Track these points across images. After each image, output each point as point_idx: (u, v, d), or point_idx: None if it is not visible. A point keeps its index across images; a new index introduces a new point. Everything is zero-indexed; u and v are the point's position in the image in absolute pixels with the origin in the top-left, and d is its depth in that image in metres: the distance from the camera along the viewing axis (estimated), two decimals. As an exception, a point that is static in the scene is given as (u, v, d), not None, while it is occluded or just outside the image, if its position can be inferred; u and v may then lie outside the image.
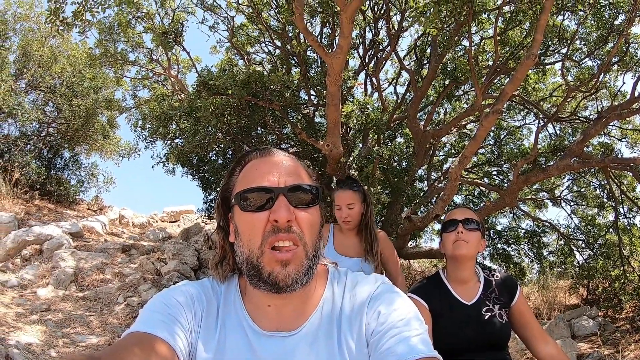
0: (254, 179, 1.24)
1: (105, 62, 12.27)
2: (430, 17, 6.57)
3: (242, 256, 1.23)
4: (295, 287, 1.18)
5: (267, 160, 1.29)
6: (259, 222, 1.19)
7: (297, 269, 1.18)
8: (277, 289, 1.18)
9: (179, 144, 10.60)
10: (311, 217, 1.23)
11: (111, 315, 7.46)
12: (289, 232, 1.18)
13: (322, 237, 1.31)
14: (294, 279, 1.17)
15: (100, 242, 11.07)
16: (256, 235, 1.19)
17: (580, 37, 9.13)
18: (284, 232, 1.17)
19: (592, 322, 7.99)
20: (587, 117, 10.34)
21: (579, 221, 11.44)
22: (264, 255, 1.18)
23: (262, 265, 1.18)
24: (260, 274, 1.18)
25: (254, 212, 1.20)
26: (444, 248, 2.57)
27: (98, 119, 14.85)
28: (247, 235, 1.21)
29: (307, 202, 1.23)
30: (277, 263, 1.17)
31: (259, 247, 1.18)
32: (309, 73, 9.49)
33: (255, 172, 1.27)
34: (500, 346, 2.43)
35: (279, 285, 1.17)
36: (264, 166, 1.27)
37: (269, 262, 1.17)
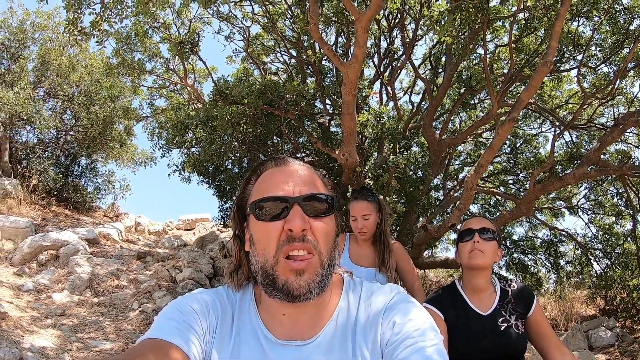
0: (269, 189, 1.24)
1: (123, 71, 12.42)
2: (445, 26, 6.57)
3: (257, 265, 1.23)
4: (309, 297, 1.17)
5: (282, 170, 1.30)
6: (273, 231, 1.19)
7: (312, 278, 1.17)
8: (292, 298, 1.17)
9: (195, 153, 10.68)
10: (326, 226, 1.23)
11: (125, 321, 7.50)
12: (304, 241, 1.17)
13: (338, 246, 1.31)
14: (308, 288, 1.17)
15: (116, 248, 11.15)
16: (271, 244, 1.19)
17: (596, 43, 9.07)
18: (299, 241, 1.17)
19: (610, 333, 7.88)
20: (603, 124, 10.23)
21: (596, 230, 11.32)
22: (278, 264, 1.18)
23: (277, 274, 1.18)
24: (275, 282, 1.18)
25: (268, 222, 1.20)
26: (460, 258, 2.54)
27: (115, 127, 15.00)
28: (262, 244, 1.21)
29: (322, 211, 1.23)
30: (292, 272, 1.17)
31: (273, 256, 1.18)
32: (325, 82, 9.53)
33: (271, 181, 1.27)
34: (516, 357, 2.40)
35: (293, 294, 1.17)
36: (279, 175, 1.27)
37: (284, 271, 1.17)
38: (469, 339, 2.37)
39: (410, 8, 9.91)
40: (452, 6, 6.39)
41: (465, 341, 2.36)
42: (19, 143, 14.16)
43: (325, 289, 1.22)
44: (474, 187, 6.71)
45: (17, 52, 13.98)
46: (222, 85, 8.81)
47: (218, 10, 11.35)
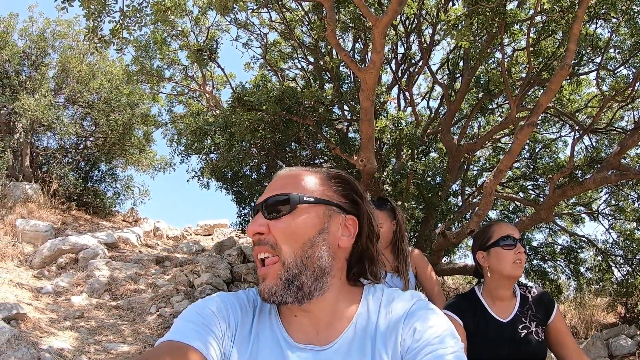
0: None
1: (142, 78, 12.58)
2: (462, 30, 6.56)
3: None
4: (278, 300, 1.20)
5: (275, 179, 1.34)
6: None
7: (273, 283, 1.20)
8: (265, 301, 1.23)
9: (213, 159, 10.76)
10: (286, 225, 1.22)
11: (143, 324, 7.56)
12: (261, 244, 1.22)
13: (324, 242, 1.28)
14: (270, 293, 1.20)
15: (134, 253, 11.26)
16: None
17: (614, 45, 8.99)
18: (257, 244, 1.23)
19: (631, 342, 7.77)
20: (623, 128, 10.11)
21: (617, 236, 11.17)
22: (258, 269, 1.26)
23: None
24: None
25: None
26: (497, 264, 2.44)
27: (134, 133, 15.19)
28: None
29: (280, 211, 1.24)
30: (260, 277, 1.23)
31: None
32: (342, 88, 9.55)
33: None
34: None
35: (263, 298, 1.22)
36: (268, 185, 1.32)
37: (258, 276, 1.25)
38: (489, 345, 2.36)
39: (427, 13, 9.91)
40: (469, 10, 6.38)
41: (485, 348, 2.35)
42: (40, 148, 14.41)
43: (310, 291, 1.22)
44: (492, 192, 6.67)
45: (38, 60, 14.23)
46: (241, 91, 8.87)
47: (235, 17, 11.45)
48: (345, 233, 1.28)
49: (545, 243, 12.50)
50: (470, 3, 6.39)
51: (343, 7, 8.69)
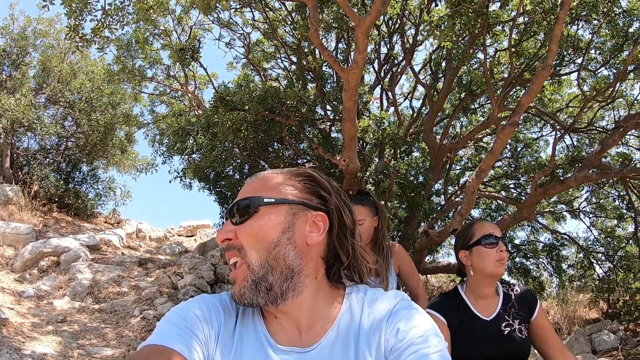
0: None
1: (124, 78, 12.47)
2: (445, 31, 6.60)
3: None
4: (249, 303, 1.20)
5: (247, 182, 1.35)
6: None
7: (242, 284, 1.21)
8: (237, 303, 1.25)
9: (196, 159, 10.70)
10: (249, 229, 1.22)
11: (127, 327, 7.49)
12: (229, 249, 1.24)
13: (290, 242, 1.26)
14: (240, 295, 1.21)
15: (117, 255, 11.14)
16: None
17: (595, 46, 9.09)
18: (226, 250, 1.25)
19: (613, 337, 7.87)
20: (604, 127, 10.26)
21: (598, 233, 11.32)
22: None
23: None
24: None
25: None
26: (480, 263, 2.46)
27: (116, 133, 15.03)
28: None
29: (243, 215, 1.24)
30: (232, 281, 1.25)
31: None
32: (325, 88, 9.55)
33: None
34: None
35: (235, 301, 1.23)
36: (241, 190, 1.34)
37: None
38: (473, 344, 2.36)
39: (410, 13, 9.94)
40: (452, 11, 6.41)
41: (469, 346, 2.36)
42: (20, 149, 14.19)
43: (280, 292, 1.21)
44: (475, 191, 6.71)
45: (19, 59, 14.05)
46: (223, 91, 8.83)
47: (218, 17, 11.41)
48: (313, 230, 1.26)
49: (527, 241, 12.61)
50: (453, 4, 6.43)
51: (326, 7, 8.69)
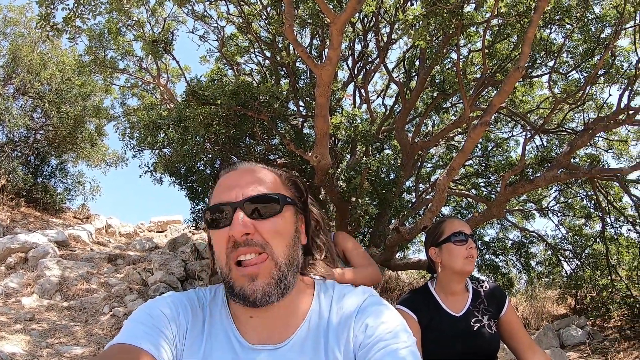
0: (218, 195, 1.24)
1: (95, 69, 12.27)
2: (420, 30, 6.62)
3: (219, 272, 1.23)
4: (267, 300, 1.17)
5: (231, 175, 1.29)
6: (221, 239, 1.19)
7: (267, 281, 1.17)
8: (250, 303, 1.17)
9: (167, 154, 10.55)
10: (276, 225, 1.21)
11: (96, 325, 7.38)
12: (249, 245, 1.17)
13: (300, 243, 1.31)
14: (264, 292, 1.16)
15: (86, 251, 10.97)
16: (221, 252, 1.19)
17: (567, 50, 9.25)
18: (244, 245, 1.16)
19: (581, 332, 8.03)
20: (573, 129, 10.45)
21: (566, 231, 11.54)
22: (231, 272, 1.18)
23: (232, 282, 1.18)
24: (233, 289, 1.18)
25: (218, 230, 1.21)
26: (449, 260, 2.47)
27: (86, 126, 14.78)
28: (216, 252, 1.23)
29: (268, 211, 1.21)
30: (245, 278, 1.16)
31: (226, 264, 1.19)
32: (298, 84, 9.53)
33: (220, 188, 1.27)
34: (489, 357, 2.43)
35: (249, 300, 1.16)
36: (227, 181, 1.27)
37: (237, 278, 1.17)
38: (443, 340, 2.38)
39: (386, 12, 9.97)
40: (427, 11, 6.44)
41: (439, 342, 2.37)
42: (-13, 142, 13.88)
43: (288, 290, 1.21)
44: (445, 189, 6.76)
45: (-13, 48, 13.72)
46: (195, 85, 8.74)
47: (193, 9, 11.29)
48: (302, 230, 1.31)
49: (496, 238, 12.79)
50: (428, 4, 6.45)
51: (302, 2, 8.67)
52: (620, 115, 8.21)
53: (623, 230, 10.16)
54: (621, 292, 8.86)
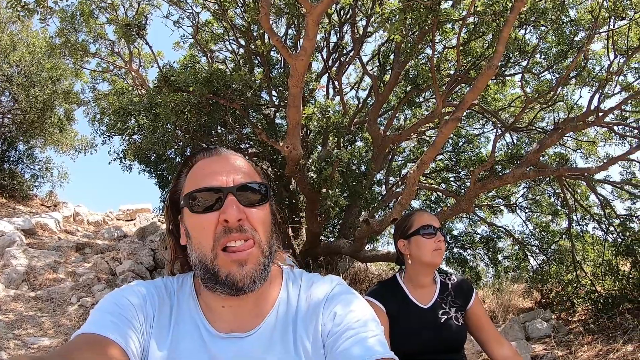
0: (202, 179, 1.22)
1: (65, 52, 12.01)
2: (396, 24, 6.63)
3: (195, 259, 1.20)
4: (253, 287, 1.16)
5: (214, 160, 1.28)
6: (208, 224, 1.17)
7: (255, 268, 1.16)
8: (236, 290, 1.15)
9: (137, 141, 10.40)
10: (262, 214, 1.22)
11: (64, 316, 7.27)
12: (241, 231, 1.16)
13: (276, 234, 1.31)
14: (252, 278, 1.16)
15: (53, 239, 10.78)
16: (207, 237, 1.17)
17: (541, 51, 9.37)
18: (236, 231, 1.16)
19: (546, 325, 8.18)
20: (543, 128, 10.60)
21: (533, 227, 11.73)
22: (218, 258, 1.15)
23: (218, 268, 1.15)
24: (217, 276, 1.16)
25: (203, 213, 1.18)
26: (417, 252, 2.49)
27: (55, 111, 14.47)
28: (197, 237, 1.19)
29: (256, 200, 1.22)
30: (234, 263, 1.15)
31: (211, 250, 1.16)
32: (272, 73, 9.48)
33: (203, 172, 1.25)
34: (456, 349, 2.46)
35: (237, 286, 1.15)
36: (212, 166, 1.25)
37: (225, 264, 1.15)
38: (410, 331, 2.40)
39: (362, 4, 9.96)
40: (404, 5, 6.44)
41: (407, 333, 2.39)
42: (-47, 125, 13.51)
43: (267, 278, 1.22)
44: (416, 183, 6.80)
45: (-46, 28, 13.31)
46: (168, 71, 8.63)
47: (168, -7, 11.12)
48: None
49: (465, 232, 12.93)
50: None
51: (278, -9, 8.62)
52: (589, 116, 8.36)
53: (589, 228, 10.37)
54: (586, 287, 9.03)
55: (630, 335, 6.95)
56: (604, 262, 9.10)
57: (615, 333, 7.35)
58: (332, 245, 9.65)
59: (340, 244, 9.35)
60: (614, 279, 8.57)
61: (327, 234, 11.34)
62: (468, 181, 9.96)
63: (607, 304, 8.16)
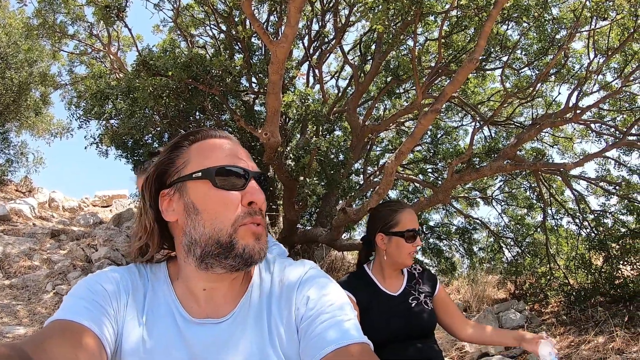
0: (224, 158, 1.22)
1: (43, 33, 11.74)
2: (378, 14, 6.63)
3: (203, 234, 1.17)
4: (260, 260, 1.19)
5: (230, 143, 1.28)
6: (234, 201, 1.17)
7: (265, 244, 1.20)
8: (250, 262, 1.17)
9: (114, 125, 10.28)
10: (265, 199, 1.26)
11: (39, 304, 7.19)
12: (261, 214, 1.21)
13: None
14: (263, 252, 1.19)
15: (28, 226, 10.62)
16: (230, 213, 1.16)
17: (522, 47, 9.45)
18: (259, 214, 1.19)
19: (519, 315, 8.31)
20: (521, 123, 10.73)
21: (508, 220, 11.88)
22: (237, 232, 1.16)
23: (237, 240, 1.15)
24: (233, 249, 1.15)
25: (228, 190, 1.18)
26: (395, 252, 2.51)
27: (31, 94, 14.15)
28: (216, 212, 1.17)
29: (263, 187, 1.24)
30: (253, 236, 1.17)
31: (232, 225, 1.16)
32: (252, 60, 9.41)
33: (223, 151, 1.24)
34: (427, 334, 2.50)
35: (253, 259, 1.16)
36: (231, 147, 1.26)
37: (244, 236, 1.16)
38: (382, 319, 2.42)
39: (346, -7, 9.94)
40: (388, -5, 6.45)
41: (379, 322, 2.40)
42: None
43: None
44: (393, 173, 6.84)
45: None
46: (147, 55, 8.51)
47: (149, -25, 10.95)
48: None
49: (441, 223, 13.02)
50: (389, -12, 6.46)
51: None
52: (567, 113, 8.48)
53: (563, 222, 10.58)
54: (559, 280, 9.20)
55: (601, 327, 7.09)
56: (577, 255, 9.25)
57: (587, 325, 7.50)
58: (309, 233, 9.67)
59: (317, 232, 9.37)
60: (586, 273, 8.71)
61: (305, 222, 11.36)
62: (445, 173, 10.05)
63: (579, 296, 8.32)
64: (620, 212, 9.65)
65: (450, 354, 6.69)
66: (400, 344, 2.41)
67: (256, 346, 1.18)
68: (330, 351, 1.08)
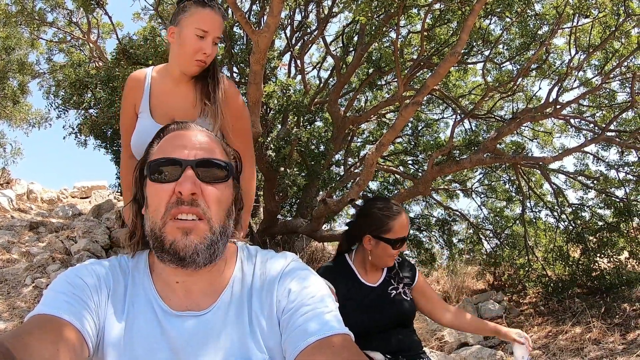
0: (166, 151, 1.23)
1: (22, 20, 11.56)
2: (362, 5, 6.62)
3: (148, 228, 1.21)
4: (196, 259, 1.16)
5: (183, 134, 1.28)
6: (164, 193, 1.18)
7: (199, 241, 1.16)
8: (180, 260, 1.16)
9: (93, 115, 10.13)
10: (220, 193, 1.22)
11: (19, 298, 7.08)
12: (192, 205, 1.16)
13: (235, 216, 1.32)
14: (195, 250, 1.15)
15: (6, 218, 10.46)
16: (161, 205, 1.18)
17: (504, 42, 9.52)
18: (187, 204, 1.16)
19: (498, 306, 8.44)
20: (502, 117, 10.80)
21: (488, 212, 11.97)
22: (166, 226, 1.16)
23: (165, 235, 1.16)
24: (163, 244, 1.16)
25: (161, 183, 1.19)
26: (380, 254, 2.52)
27: (8, 83, 13.90)
28: (153, 205, 1.20)
29: (216, 177, 1.22)
30: (179, 231, 1.15)
31: (161, 218, 1.17)
32: (234, 49, 9.34)
33: (170, 144, 1.25)
34: (405, 324, 2.55)
35: (179, 255, 1.15)
36: (179, 139, 1.26)
37: (171, 231, 1.16)
38: (363, 309, 2.45)
39: (330, -17, 9.89)
40: (372, -13, 6.44)
41: (359, 312, 2.43)
42: None
43: (217, 256, 1.21)
44: (374, 164, 6.85)
45: None
46: (127, 43, 8.43)
47: (129, -37, 10.82)
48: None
49: (421, 215, 13.05)
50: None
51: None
52: (547, 108, 8.57)
53: (541, 215, 10.69)
54: (537, 271, 9.32)
55: (578, 318, 7.22)
56: (555, 248, 9.39)
57: (565, 316, 7.64)
58: (290, 224, 9.66)
59: (298, 223, 9.37)
60: (564, 265, 8.85)
61: (285, 213, 11.33)
62: (426, 165, 10.09)
63: (557, 288, 8.46)
64: (597, 206, 9.79)
65: (430, 343, 6.76)
66: (380, 334, 2.44)
67: (237, 338, 1.19)
68: (312, 342, 1.09)
